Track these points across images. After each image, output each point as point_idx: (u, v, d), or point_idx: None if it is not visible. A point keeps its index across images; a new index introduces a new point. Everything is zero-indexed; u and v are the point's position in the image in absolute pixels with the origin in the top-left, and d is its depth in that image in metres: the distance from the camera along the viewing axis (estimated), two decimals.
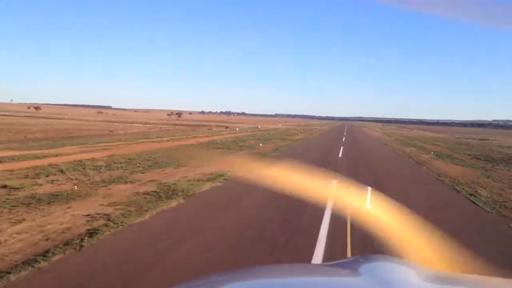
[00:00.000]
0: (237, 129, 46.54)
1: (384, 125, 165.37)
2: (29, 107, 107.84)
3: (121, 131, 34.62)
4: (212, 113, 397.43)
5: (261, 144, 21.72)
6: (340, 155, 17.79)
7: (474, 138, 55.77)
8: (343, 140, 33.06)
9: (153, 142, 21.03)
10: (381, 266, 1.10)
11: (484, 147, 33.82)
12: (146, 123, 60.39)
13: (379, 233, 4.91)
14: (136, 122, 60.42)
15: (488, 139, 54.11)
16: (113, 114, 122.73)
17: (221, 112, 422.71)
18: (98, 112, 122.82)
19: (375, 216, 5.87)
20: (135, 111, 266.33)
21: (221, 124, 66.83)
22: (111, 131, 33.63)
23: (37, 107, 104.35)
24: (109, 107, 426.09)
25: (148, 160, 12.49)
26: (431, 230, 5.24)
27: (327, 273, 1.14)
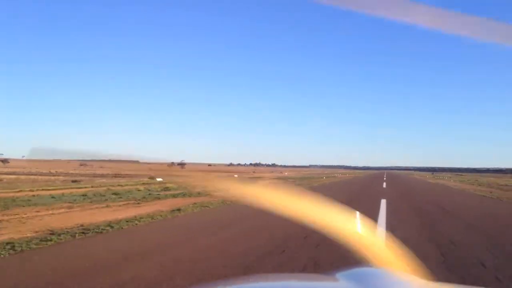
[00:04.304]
0: None
1: (433, 174, 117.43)
2: None
3: None
4: (241, 165, 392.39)
5: None
6: None
7: None
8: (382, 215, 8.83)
9: None
10: (373, 277, 1.00)
11: None
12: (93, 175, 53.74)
13: None
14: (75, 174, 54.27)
15: None
16: (101, 167, 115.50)
17: (250, 164, 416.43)
18: (81, 165, 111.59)
19: None
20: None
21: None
22: None
23: (3, 160, 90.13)
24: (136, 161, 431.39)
25: None
26: None
27: (317, 284, 1.07)
